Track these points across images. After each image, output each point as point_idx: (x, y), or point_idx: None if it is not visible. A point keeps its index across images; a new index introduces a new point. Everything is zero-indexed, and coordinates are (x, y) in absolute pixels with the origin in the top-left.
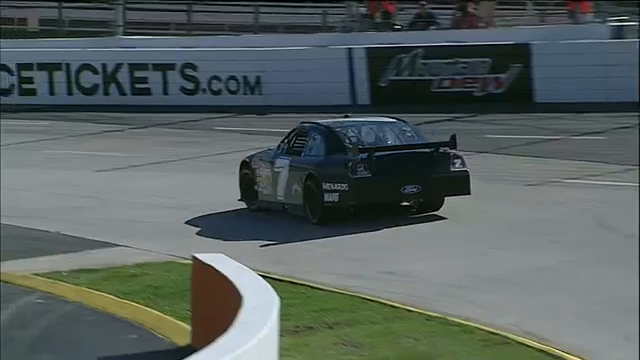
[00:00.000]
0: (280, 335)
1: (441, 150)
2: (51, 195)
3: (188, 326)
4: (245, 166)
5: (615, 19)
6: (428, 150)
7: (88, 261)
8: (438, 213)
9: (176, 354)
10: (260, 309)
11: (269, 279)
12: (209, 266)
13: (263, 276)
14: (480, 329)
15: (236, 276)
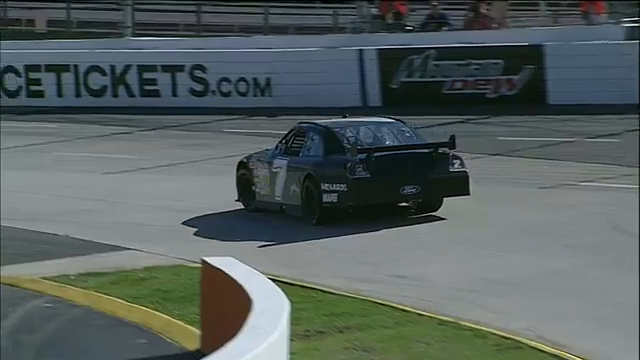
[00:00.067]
0: (290, 339)
1: (440, 150)
2: (59, 198)
3: (197, 330)
4: (242, 166)
5: (629, 20)
6: (427, 150)
7: (96, 264)
8: (437, 214)
9: (185, 358)
10: (270, 313)
11: (279, 283)
12: (218, 270)
13: (273, 280)
14: (492, 333)
15: (246, 280)
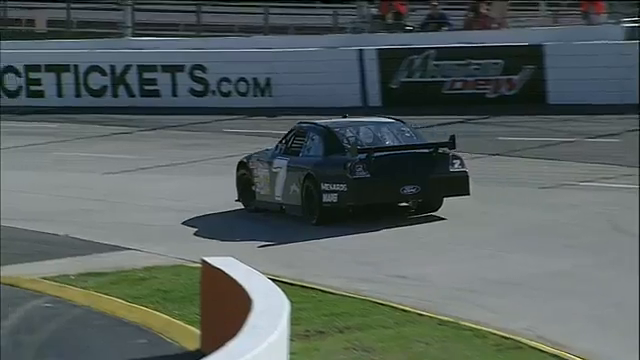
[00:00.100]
0: (290, 339)
1: (440, 150)
2: (59, 198)
3: (197, 330)
4: (242, 166)
5: (629, 20)
6: (427, 150)
7: (96, 264)
8: (437, 214)
9: (185, 358)
10: (270, 313)
11: (279, 283)
12: (218, 270)
13: (273, 280)
14: (493, 333)
15: (246, 280)
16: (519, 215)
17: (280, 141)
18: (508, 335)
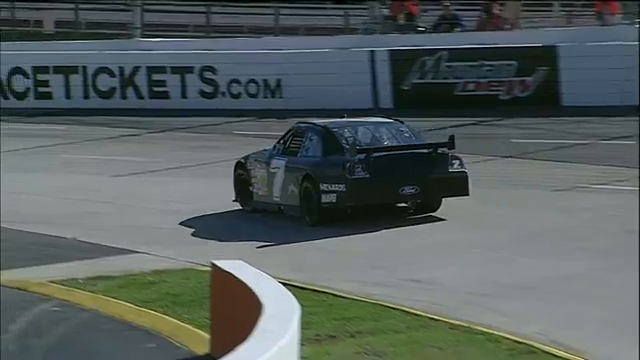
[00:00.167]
0: (301, 344)
1: (439, 151)
2: (67, 200)
3: (207, 334)
4: (240, 167)
5: None
6: (426, 151)
7: (105, 268)
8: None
9: None
10: (280, 317)
11: (290, 286)
12: (228, 273)
13: (283, 283)
14: (505, 338)
15: (255, 283)
16: (532, 218)
17: (278, 141)
18: (521, 339)
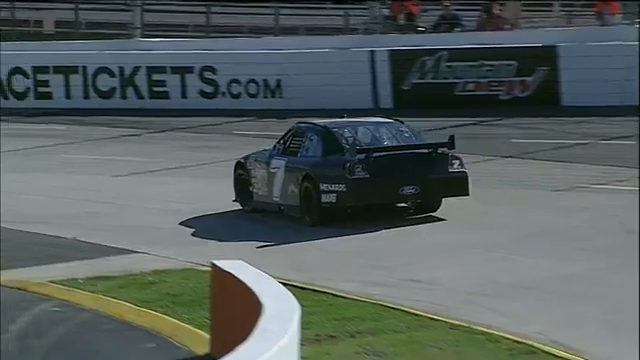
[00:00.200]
0: (301, 344)
1: (439, 151)
2: (67, 200)
3: (207, 334)
4: (240, 167)
5: None
6: (426, 151)
7: (105, 268)
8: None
9: None
10: (280, 317)
11: (290, 286)
12: (228, 273)
13: (283, 283)
14: (505, 338)
15: (255, 283)
16: (532, 218)
17: (278, 141)
18: (521, 339)
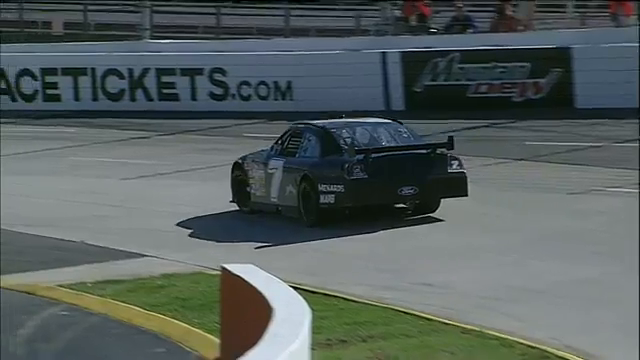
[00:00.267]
0: (312, 348)
1: (438, 151)
2: (76, 203)
3: (217, 339)
4: (237, 168)
5: None
6: (425, 151)
7: (113, 272)
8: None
9: None
10: (291, 321)
11: (300, 290)
12: (238, 277)
13: (294, 287)
14: (519, 343)
15: (266, 287)
16: (546, 221)
17: (276, 142)
18: (534, 344)
